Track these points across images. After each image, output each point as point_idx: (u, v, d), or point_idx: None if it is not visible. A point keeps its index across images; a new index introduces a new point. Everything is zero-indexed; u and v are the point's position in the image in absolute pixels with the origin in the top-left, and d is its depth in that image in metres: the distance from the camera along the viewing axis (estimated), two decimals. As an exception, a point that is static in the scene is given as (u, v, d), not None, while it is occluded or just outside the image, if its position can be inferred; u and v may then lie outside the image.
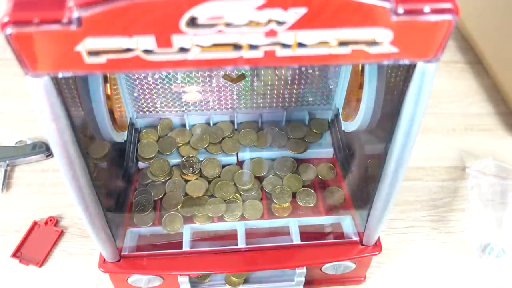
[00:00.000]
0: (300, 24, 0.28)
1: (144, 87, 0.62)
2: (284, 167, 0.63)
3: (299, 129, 0.67)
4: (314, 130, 0.67)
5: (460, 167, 0.73)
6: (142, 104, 0.65)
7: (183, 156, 0.64)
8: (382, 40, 0.30)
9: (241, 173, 0.62)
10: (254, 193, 0.60)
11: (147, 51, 0.28)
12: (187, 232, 0.55)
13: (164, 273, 0.52)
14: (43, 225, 0.63)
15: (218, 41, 0.28)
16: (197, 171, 0.62)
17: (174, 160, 0.64)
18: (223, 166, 0.64)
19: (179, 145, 0.65)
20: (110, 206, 0.53)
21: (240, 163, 0.65)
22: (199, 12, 0.27)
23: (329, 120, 0.69)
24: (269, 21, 0.28)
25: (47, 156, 0.71)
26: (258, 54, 0.29)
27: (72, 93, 0.46)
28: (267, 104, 0.67)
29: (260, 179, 0.62)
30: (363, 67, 0.54)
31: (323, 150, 0.66)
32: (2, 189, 0.68)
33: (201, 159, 0.64)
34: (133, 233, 0.56)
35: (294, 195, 0.60)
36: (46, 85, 0.30)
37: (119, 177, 0.59)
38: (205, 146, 0.65)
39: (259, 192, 0.61)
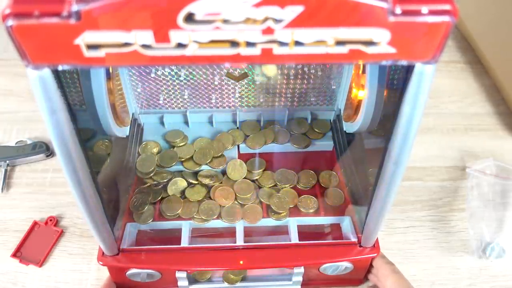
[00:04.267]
0: (297, 22, 0.28)
1: (147, 83, 0.62)
2: (285, 179, 0.63)
3: (302, 124, 0.68)
4: (316, 130, 0.68)
5: (460, 167, 0.73)
6: (145, 100, 0.65)
7: (187, 169, 0.63)
8: (379, 40, 0.30)
9: (241, 182, 0.62)
10: (253, 202, 0.60)
11: (145, 46, 0.29)
12: (186, 228, 0.56)
13: (162, 268, 0.52)
14: (43, 225, 0.63)
15: (216, 38, 0.29)
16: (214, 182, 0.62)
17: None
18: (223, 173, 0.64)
19: (182, 160, 0.64)
20: (109, 199, 0.53)
21: (240, 156, 0.65)
22: (197, 8, 0.27)
23: (331, 121, 0.69)
24: (266, 19, 0.28)
25: (47, 156, 0.71)
26: (255, 51, 0.30)
27: (75, 86, 0.46)
28: (269, 103, 0.67)
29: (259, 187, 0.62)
30: (364, 68, 0.54)
31: (326, 143, 0.67)
32: (2, 189, 0.68)
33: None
34: (132, 227, 0.56)
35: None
36: (46, 77, 0.31)
37: (120, 171, 0.59)
38: (208, 161, 0.63)
39: (259, 201, 0.60)
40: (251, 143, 0.65)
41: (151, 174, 0.62)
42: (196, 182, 0.62)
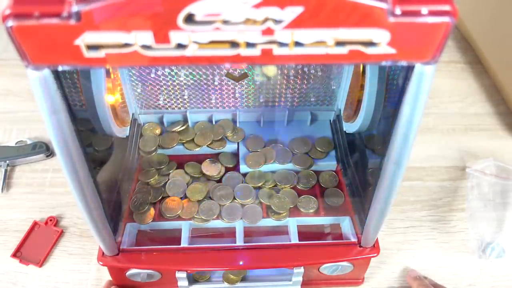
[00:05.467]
0: (297, 23, 0.28)
1: (147, 84, 0.63)
2: (285, 179, 0.62)
3: (305, 143, 0.66)
4: (319, 149, 0.66)
5: (460, 167, 0.73)
6: (145, 100, 0.65)
7: (188, 149, 0.65)
8: (379, 41, 0.30)
9: (241, 187, 0.61)
10: (253, 204, 0.60)
11: (145, 47, 0.29)
12: (186, 228, 0.56)
13: (162, 268, 0.52)
14: (43, 225, 0.63)
15: (215, 38, 0.29)
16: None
17: (174, 154, 0.65)
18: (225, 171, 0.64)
19: (183, 142, 0.65)
20: (109, 199, 0.53)
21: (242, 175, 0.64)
22: (197, 8, 0.27)
23: (331, 121, 0.69)
24: (266, 20, 0.28)
25: (47, 156, 0.71)
26: (255, 52, 0.30)
27: (75, 87, 0.46)
28: (269, 103, 0.67)
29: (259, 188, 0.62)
30: (364, 68, 0.54)
31: (329, 163, 0.65)
32: (2, 189, 0.68)
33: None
34: (132, 227, 0.56)
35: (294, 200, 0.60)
36: (46, 77, 0.31)
37: (120, 172, 0.59)
38: (208, 143, 0.65)
39: (259, 202, 0.60)
40: (251, 162, 0.64)
41: (153, 154, 0.64)
42: (199, 176, 0.62)
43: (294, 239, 0.55)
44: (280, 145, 0.66)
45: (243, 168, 0.64)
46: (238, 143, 0.66)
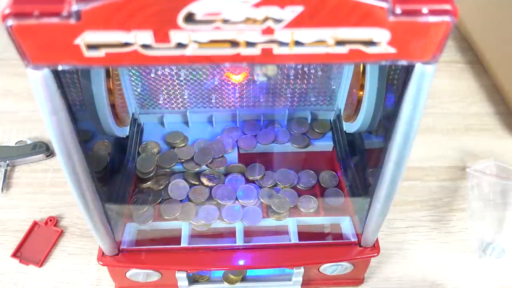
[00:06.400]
0: (297, 22, 0.28)
1: (147, 83, 0.63)
2: (285, 179, 0.63)
3: (302, 124, 0.68)
4: (316, 130, 0.68)
5: (460, 167, 0.73)
6: (145, 100, 0.65)
7: (187, 170, 0.63)
8: (379, 40, 0.29)
9: (243, 188, 0.61)
10: (254, 204, 0.60)
11: (145, 46, 0.29)
12: (185, 228, 0.56)
13: (162, 268, 0.52)
14: (43, 225, 0.63)
15: (216, 38, 0.29)
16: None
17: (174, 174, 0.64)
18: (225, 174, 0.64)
19: (182, 161, 0.64)
20: (109, 199, 0.53)
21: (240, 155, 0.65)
22: (197, 8, 0.27)
23: (331, 121, 0.69)
24: (266, 19, 0.28)
25: (47, 156, 0.71)
26: (255, 51, 0.30)
27: (75, 86, 0.46)
28: (269, 103, 0.67)
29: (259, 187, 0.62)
30: (364, 68, 0.54)
31: (326, 143, 0.67)
32: (2, 189, 0.68)
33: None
34: (132, 227, 0.56)
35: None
36: (46, 77, 0.31)
37: (120, 171, 0.59)
38: (208, 162, 0.64)
39: (260, 203, 0.60)
40: (243, 143, 0.66)
41: (151, 174, 0.62)
42: (197, 183, 0.62)
43: (294, 239, 0.55)
44: (278, 126, 0.68)
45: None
46: (237, 143, 0.66)
